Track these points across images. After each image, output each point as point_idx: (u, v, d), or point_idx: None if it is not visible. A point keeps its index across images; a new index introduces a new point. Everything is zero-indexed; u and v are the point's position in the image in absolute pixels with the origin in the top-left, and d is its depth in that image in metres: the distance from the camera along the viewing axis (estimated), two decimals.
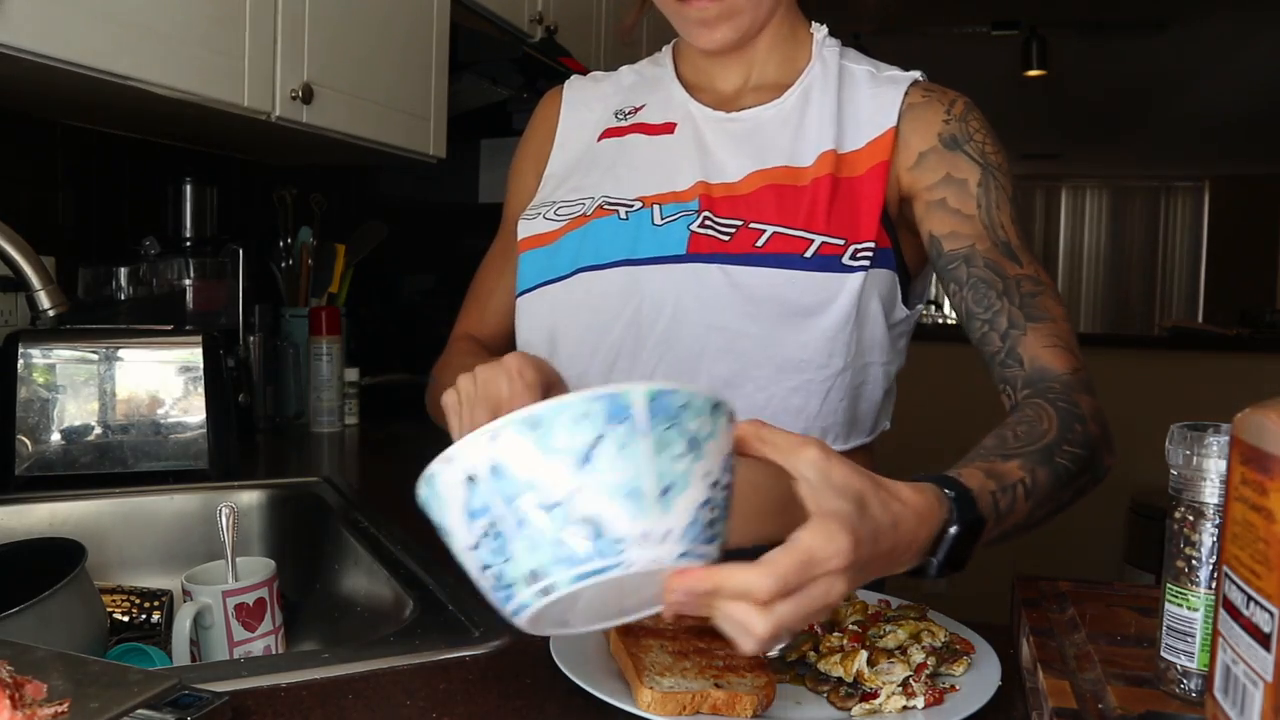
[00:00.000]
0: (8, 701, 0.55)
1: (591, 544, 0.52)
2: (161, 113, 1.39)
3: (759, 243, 0.92)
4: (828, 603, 0.56)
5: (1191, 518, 0.61)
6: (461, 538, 0.56)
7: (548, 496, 0.52)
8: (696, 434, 0.54)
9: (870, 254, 0.92)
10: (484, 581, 0.56)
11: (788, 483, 0.58)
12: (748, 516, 0.77)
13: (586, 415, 0.52)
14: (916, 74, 1.00)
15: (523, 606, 0.55)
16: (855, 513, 0.57)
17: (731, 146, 0.99)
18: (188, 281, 1.58)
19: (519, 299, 1.02)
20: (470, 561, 0.56)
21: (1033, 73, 5.26)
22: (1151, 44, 5.45)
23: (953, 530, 0.63)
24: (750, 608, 0.54)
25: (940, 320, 6.25)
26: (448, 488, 0.55)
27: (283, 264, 1.88)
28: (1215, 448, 0.60)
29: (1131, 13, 4.94)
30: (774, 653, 0.57)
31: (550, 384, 0.78)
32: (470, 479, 0.53)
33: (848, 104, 0.99)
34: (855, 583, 0.58)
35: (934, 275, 1.01)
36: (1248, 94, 6.41)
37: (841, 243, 0.92)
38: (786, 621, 0.55)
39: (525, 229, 1.02)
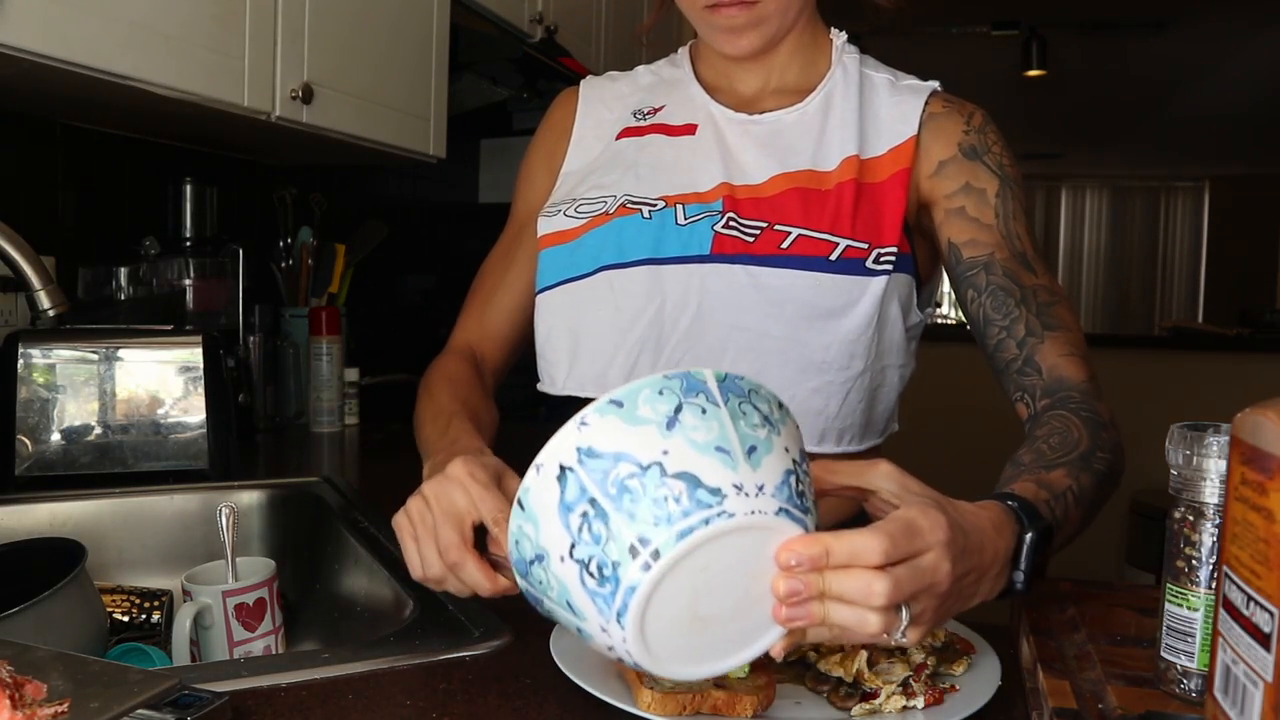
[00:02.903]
0: (8, 701, 0.55)
1: (689, 497, 0.53)
2: (162, 113, 1.39)
3: (784, 244, 0.92)
4: (936, 580, 0.56)
5: (1191, 518, 0.61)
6: (559, 543, 0.55)
7: (641, 460, 0.53)
8: (769, 415, 0.57)
9: (893, 258, 0.93)
10: (586, 594, 0.55)
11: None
12: None
13: (664, 390, 0.55)
14: (934, 84, 1.02)
15: (630, 591, 0.53)
16: (941, 503, 0.59)
17: (754, 149, 0.99)
18: (188, 281, 1.58)
19: (539, 296, 1.01)
20: (570, 573, 0.55)
21: (1033, 73, 5.26)
22: (1151, 44, 5.45)
23: (1029, 537, 0.64)
24: (865, 571, 0.53)
25: (937, 320, 6.25)
26: (540, 496, 0.55)
27: (283, 264, 1.88)
28: (1215, 448, 0.60)
29: (1131, 13, 4.94)
30: (899, 637, 0.55)
31: (500, 474, 0.75)
32: (563, 472, 0.55)
33: (869, 111, 0.99)
34: (960, 572, 0.57)
35: (940, 280, 1.01)
36: (1248, 94, 6.41)
37: (865, 246, 0.93)
38: (905, 588, 0.54)
39: (545, 226, 1.02)
